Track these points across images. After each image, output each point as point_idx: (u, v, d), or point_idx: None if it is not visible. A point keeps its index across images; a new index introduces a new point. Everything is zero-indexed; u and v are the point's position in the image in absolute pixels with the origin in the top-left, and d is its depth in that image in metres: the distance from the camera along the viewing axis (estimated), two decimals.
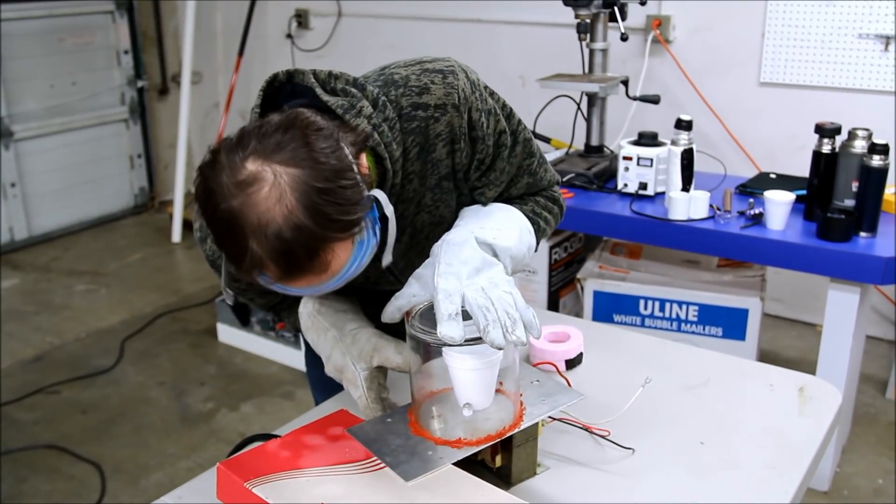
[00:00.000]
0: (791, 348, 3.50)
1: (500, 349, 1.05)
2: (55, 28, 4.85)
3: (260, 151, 0.99)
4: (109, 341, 3.70)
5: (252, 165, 0.98)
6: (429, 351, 1.13)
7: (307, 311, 1.34)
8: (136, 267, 4.58)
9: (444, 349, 1.10)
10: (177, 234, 4.89)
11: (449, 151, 1.23)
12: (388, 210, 1.08)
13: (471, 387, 1.11)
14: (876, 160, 2.25)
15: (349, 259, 1.04)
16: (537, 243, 1.33)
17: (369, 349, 1.24)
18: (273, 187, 0.97)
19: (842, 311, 2.35)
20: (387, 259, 1.15)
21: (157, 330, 3.76)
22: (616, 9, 2.76)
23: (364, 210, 1.03)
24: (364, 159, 1.10)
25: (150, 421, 3.10)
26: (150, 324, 3.82)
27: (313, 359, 1.55)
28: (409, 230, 1.29)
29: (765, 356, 3.09)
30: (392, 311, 1.18)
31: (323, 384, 1.58)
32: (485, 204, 1.30)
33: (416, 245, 1.32)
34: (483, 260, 1.12)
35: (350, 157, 1.03)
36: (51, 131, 4.90)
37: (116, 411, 3.17)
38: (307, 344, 1.44)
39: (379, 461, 1.10)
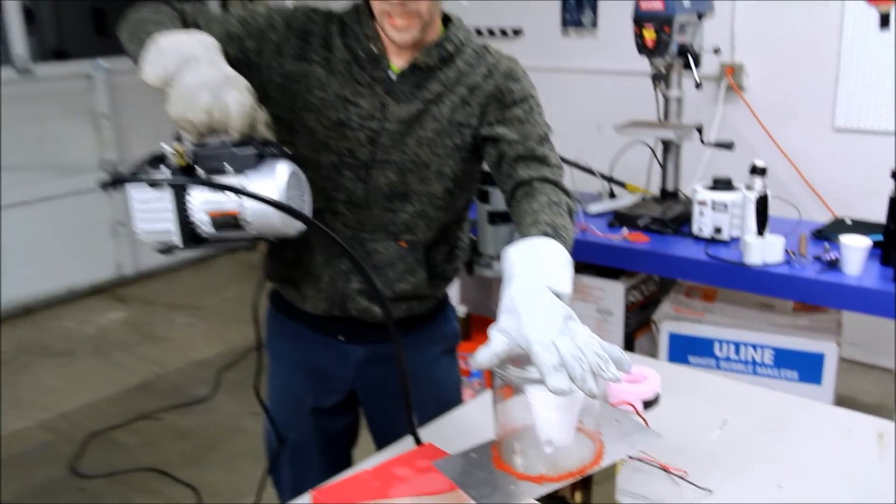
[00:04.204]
0: (868, 393, 3.38)
1: (595, 398, 1.04)
2: None
3: None
4: (206, 372, 3.81)
5: None
6: (512, 389, 1.14)
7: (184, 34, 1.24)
8: (232, 302, 4.71)
9: (528, 388, 1.11)
10: None
11: (486, 78, 1.47)
12: None
13: (552, 425, 1.11)
14: None
15: None
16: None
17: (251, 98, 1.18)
18: None
19: None
20: None
21: (250, 362, 3.83)
22: (690, 57, 2.75)
23: None
24: None
25: (243, 448, 3.17)
26: (245, 356, 3.91)
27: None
28: (397, 162, 1.46)
29: (841, 400, 2.98)
30: (487, 358, 1.07)
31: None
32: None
33: (399, 182, 1.48)
34: (562, 309, 1.09)
35: None
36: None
37: (213, 438, 3.25)
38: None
39: (464, 494, 1.11)
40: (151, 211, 1.17)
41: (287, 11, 1.50)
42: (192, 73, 1.15)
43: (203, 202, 1.15)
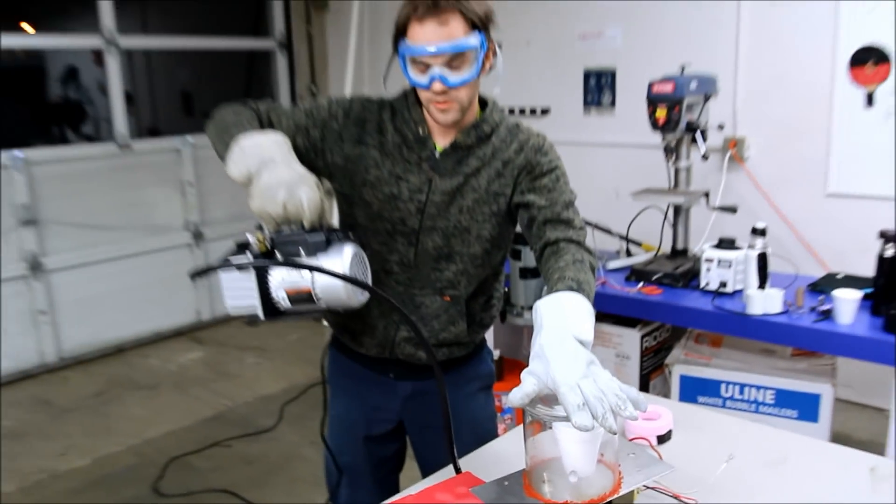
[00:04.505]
0: (861, 430, 3.28)
1: (615, 433, 1.05)
2: None
3: None
4: (272, 405, 3.82)
5: None
6: (541, 425, 1.15)
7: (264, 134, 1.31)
8: (294, 345, 4.74)
9: (555, 424, 1.11)
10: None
11: (518, 152, 1.50)
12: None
13: (577, 456, 1.12)
14: None
15: (459, 38, 1.33)
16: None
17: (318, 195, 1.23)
18: None
19: None
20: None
21: (310, 397, 3.86)
22: (698, 132, 2.77)
23: (484, 32, 1.37)
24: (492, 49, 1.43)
25: (302, 474, 3.17)
26: (305, 392, 3.92)
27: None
28: (442, 228, 1.49)
29: (837, 437, 2.91)
30: (520, 398, 1.10)
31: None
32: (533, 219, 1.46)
33: (444, 246, 1.50)
34: (586, 354, 1.11)
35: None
36: (230, 234, 5.21)
37: (276, 464, 3.26)
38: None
39: None
40: (239, 289, 1.22)
41: (345, 102, 1.55)
42: (269, 172, 1.22)
43: (281, 281, 1.21)
